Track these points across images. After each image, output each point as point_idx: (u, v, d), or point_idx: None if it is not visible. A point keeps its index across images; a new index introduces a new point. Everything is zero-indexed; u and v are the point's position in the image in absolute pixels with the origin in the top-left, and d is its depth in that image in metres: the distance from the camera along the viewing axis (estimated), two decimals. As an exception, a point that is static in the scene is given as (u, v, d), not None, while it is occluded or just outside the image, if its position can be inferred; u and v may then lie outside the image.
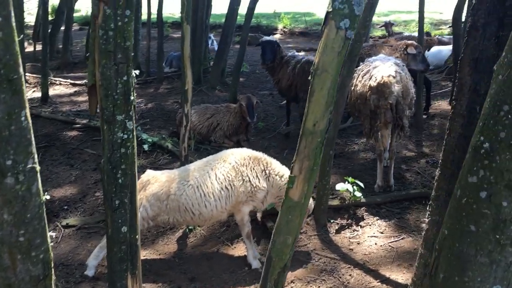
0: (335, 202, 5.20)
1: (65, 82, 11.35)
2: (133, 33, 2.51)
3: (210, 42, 12.61)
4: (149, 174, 4.41)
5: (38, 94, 10.23)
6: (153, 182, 4.27)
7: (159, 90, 10.61)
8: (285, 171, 4.44)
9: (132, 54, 2.60)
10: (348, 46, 2.04)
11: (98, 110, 2.64)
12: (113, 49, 2.46)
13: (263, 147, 7.26)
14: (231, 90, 8.86)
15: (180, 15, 18.73)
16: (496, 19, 2.81)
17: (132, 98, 2.57)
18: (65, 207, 5.81)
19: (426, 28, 15.80)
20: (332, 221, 5.08)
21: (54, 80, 11.38)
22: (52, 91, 10.58)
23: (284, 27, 17.83)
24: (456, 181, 3.12)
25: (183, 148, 5.19)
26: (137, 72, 3.46)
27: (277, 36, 17.57)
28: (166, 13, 11.42)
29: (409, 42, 6.06)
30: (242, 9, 10.22)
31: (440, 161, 3.19)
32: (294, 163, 2.21)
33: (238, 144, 7.37)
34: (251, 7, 8.36)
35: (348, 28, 1.97)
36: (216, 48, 13.28)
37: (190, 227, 5.03)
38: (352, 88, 5.52)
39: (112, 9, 2.41)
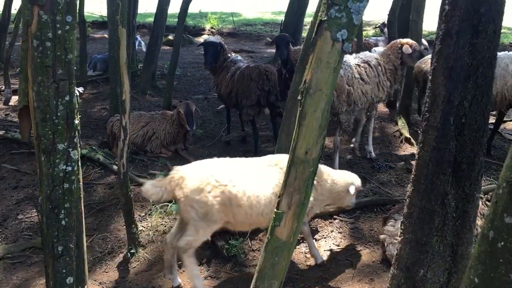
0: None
1: (-26, 86, 10.21)
2: (74, 42, 2.06)
3: (137, 43, 11.97)
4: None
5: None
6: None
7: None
8: (334, 175, 4.19)
9: (75, 68, 2.14)
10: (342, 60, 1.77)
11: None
12: (51, 63, 2.01)
13: (203, 156, 6.86)
14: (165, 96, 8.36)
15: (99, 14, 17.71)
16: (470, 26, 2.68)
17: (76, 122, 2.13)
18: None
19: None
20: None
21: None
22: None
23: (212, 28, 17.45)
24: (430, 197, 3.01)
25: (121, 164, 4.69)
26: (81, 89, 2.97)
27: (205, 36, 17.17)
28: (85, 11, 10.61)
29: (404, 41, 5.86)
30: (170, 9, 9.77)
31: (412, 176, 3.03)
32: (281, 198, 1.89)
33: (176, 154, 6.95)
34: (184, 8, 7.92)
35: (346, 40, 1.69)
36: (143, 49, 12.67)
37: (132, 251, 4.56)
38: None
39: (50, 15, 1.95)
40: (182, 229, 3.93)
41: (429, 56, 5.98)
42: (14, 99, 9.63)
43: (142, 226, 5.02)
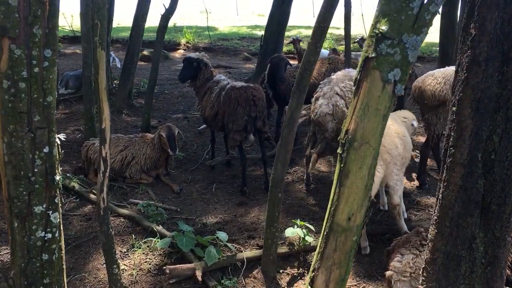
0: (283, 249, 4.60)
1: None
2: (56, 82, 1.66)
3: (111, 59, 11.49)
4: None
5: None
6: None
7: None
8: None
9: (54, 112, 1.76)
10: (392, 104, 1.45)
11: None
12: (26, 109, 1.62)
13: (187, 181, 6.49)
14: (144, 116, 7.93)
15: (70, 28, 17.11)
16: (500, 52, 2.41)
17: (57, 178, 1.73)
18: None
19: (330, 44, 16.03)
20: (281, 271, 4.47)
21: None
22: None
23: (188, 42, 17.09)
24: (456, 241, 2.72)
25: (101, 199, 4.26)
26: (63, 136, 2.54)
27: (180, 51, 16.80)
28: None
29: None
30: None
31: (435, 217, 2.73)
32: (317, 273, 1.54)
33: (157, 179, 6.52)
34: (164, 25, 7.55)
35: (399, 81, 1.37)
36: (118, 66, 12.19)
37: None
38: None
39: (24, 49, 1.57)
40: None
41: (426, 75, 5.80)
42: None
43: (124, 265, 4.58)
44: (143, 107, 8.39)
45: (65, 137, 2.08)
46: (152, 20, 12.83)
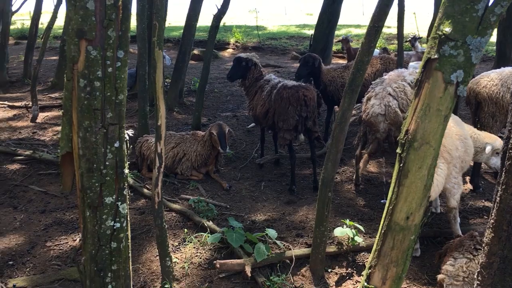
0: (332, 249, 4.61)
1: (2, 104, 10.17)
2: (127, 81, 1.77)
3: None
4: None
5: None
6: None
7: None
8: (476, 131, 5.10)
9: (124, 109, 1.86)
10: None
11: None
12: (100, 106, 1.72)
13: (236, 179, 6.60)
14: (195, 114, 8.11)
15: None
16: None
17: (126, 172, 1.84)
18: (10, 262, 4.84)
19: (380, 43, 15.78)
20: (330, 270, 4.48)
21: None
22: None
23: (237, 42, 17.26)
24: (513, 247, 2.66)
25: (156, 193, 4.42)
26: (131, 132, 2.69)
27: (229, 51, 17.00)
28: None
29: None
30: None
31: (491, 221, 2.68)
32: (374, 270, 1.57)
33: (207, 176, 6.67)
34: (216, 25, 7.70)
35: (461, 82, 1.38)
36: (168, 64, 12.50)
37: (166, 285, 4.26)
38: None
39: (100, 51, 1.67)
40: None
41: (480, 75, 5.60)
42: (42, 116, 9.53)
43: (176, 258, 4.73)
44: (194, 105, 8.58)
45: (133, 133, 2.19)
46: (202, 19, 13.07)
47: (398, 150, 1.50)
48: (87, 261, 1.84)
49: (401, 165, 1.49)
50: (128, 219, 1.89)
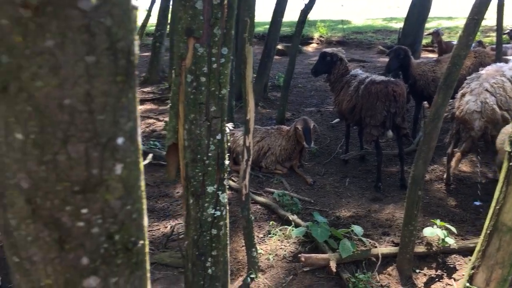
0: (420, 249, 4.48)
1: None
2: (229, 77, 1.85)
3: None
4: None
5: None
6: None
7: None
8: None
9: (226, 103, 1.93)
10: None
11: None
12: (205, 100, 1.81)
13: (320, 174, 6.59)
14: (280, 109, 8.20)
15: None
16: None
17: (226, 163, 1.92)
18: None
19: (476, 36, 14.89)
20: (418, 271, 4.36)
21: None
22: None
23: (321, 36, 17.12)
24: None
25: (243, 185, 4.55)
26: (231, 125, 2.81)
27: (313, 46, 16.91)
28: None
29: None
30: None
31: None
32: (477, 271, 1.53)
33: (291, 170, 6.72)
34: (302, 20, 7.71)
35: None
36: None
37: (252, 275, 4.38)
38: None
39: (206, 48, 1.75)
40: None
41: None
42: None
43: (261, 249, 4.84)
44: (279, 100, 8.66)
45: (233, 126, 2.29)
46: (285, 15, 13.12)
47: (507, 148, 1.44)
48: (190, 245, 1.96)
49: (510, 163, 1.43)
50: (227, 208, 1.98)
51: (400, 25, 14.47)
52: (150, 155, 6.93)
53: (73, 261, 0.56)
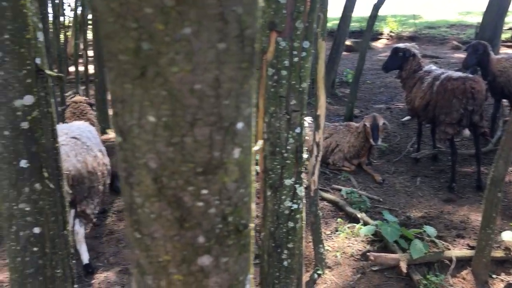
0: (498, 253, 4.26)
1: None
2: (310, 71, 1.85)
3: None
4: None
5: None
6: None
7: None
8: None
9: (306, 97, 1.93)
10: None
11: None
12: (285, 93, 1.82)
13: (389, 172, 6.44)
14: (348, 105, 8.09)
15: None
16: None
17: (304, 156, 1.92)
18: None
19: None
20: (494, 276, 4.16)
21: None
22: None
23: (391, 32, 16.65)
24: None
25: (312, 181, 4.54)
26: (310, 119, 2.84)
27: (382, 41, 16.50)
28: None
29: None
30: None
31: None
32: None
33: (359, 168, 6.62)
34: (374, 15, 7.54)
35: None
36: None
37: (319, 271, 4.37)
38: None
39: (288, 42, 1.76)
40: None
41: None
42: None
43: (328, 246, 4.81)
44: (348, 96, 8.55)
45: (312, 120, 2.29)
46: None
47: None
48: (266, 237, 1.98)
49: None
50: (304, 201, 1.99)
51: (476, 19, 13.79)
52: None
53: (190, 239, 0.60)
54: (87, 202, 3.97)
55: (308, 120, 2.05)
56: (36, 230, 1.69)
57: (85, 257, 4.35)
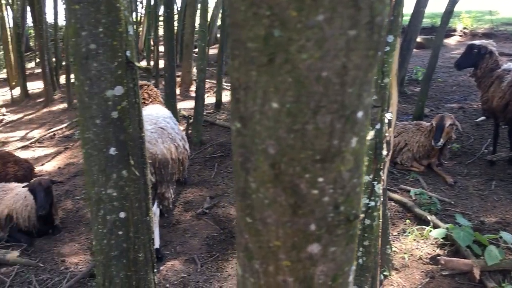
0: None
1: (236, 88, 11.43)
2: (393, 65, 1.80)
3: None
4: None
5: (212, 100, 10.35)
6: None
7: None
8: None
9: (387, 93, 1.89)
10: None
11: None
12: (367, 89, 1.75)
13: (461, 174, 6.16)
14: (418, 104, 7.82)
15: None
16: None
17: (384, 153, 1.87)
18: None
19: None
20: None
21: (226, 85, 11.52)
22: (224, 97, 10.66)
23: (464, 28, 15.90)
24: None
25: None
26: (389, 115, 2.79)
27: (455, 38, 15.81)
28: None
29: None
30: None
31: None
32: None
33: (429, 169, 6.39)
34: (450, 10, 7.24)
35: None
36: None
37: (385, 273, 4.27)
38: None
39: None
40: None
41: None
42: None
43: (395, 247, 4.69)
44: (418, 95, 8.27)
45: (391, 116, 2.25)
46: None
47: None
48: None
49: None
50: (381, 199, 1.95)
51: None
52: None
53: (302, 226, 0.60)
54: (167, 186, 4.22)
55: (388, 116, 2.00)
56: (122, 214, 1.79)
57: (157, 242, 4.54)
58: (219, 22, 17.02)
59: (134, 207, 1.82)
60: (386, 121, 1.92)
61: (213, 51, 15.16)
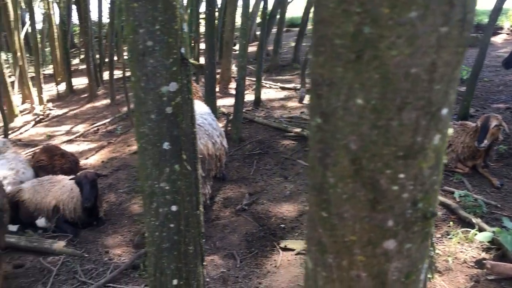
0: None
1: (275, 85, 11.42)
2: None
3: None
4: None
5: (251, 97, 10.40)
6: None
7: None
8: None
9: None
10: None
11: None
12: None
13: (509, 177, 5.97)
14: (463, 104, 7.61)
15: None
16: None
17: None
18: (282, 225, 5.47)
19: None
20: None
21: (264, 83, 11.54)
22: (263, 95, 10.69)
23: (512, 25, 15.36)
24: None
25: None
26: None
27: (502, 36, 15.29)
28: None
29: None
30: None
31: None
32: None
33: (473, 170, 6.21)
34: (499, 7, 7.00)
35: None
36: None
37: (428, 275, 4.19)
38: None
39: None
40: None
41: None
42: (307, 98, 10.37)
43: (439, 250, 4.59)
44: (464, 94, 8.04)
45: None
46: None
47: None
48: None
49: None
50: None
51: None
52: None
53: (380, 222, 0.61)
54: (204, 182, 4.24)
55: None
56: (174, 208, 1.83)
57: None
58: (258, 20, 17.06)
59: (185, 200, 1.86)
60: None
61: (251, 48, 15.21)
